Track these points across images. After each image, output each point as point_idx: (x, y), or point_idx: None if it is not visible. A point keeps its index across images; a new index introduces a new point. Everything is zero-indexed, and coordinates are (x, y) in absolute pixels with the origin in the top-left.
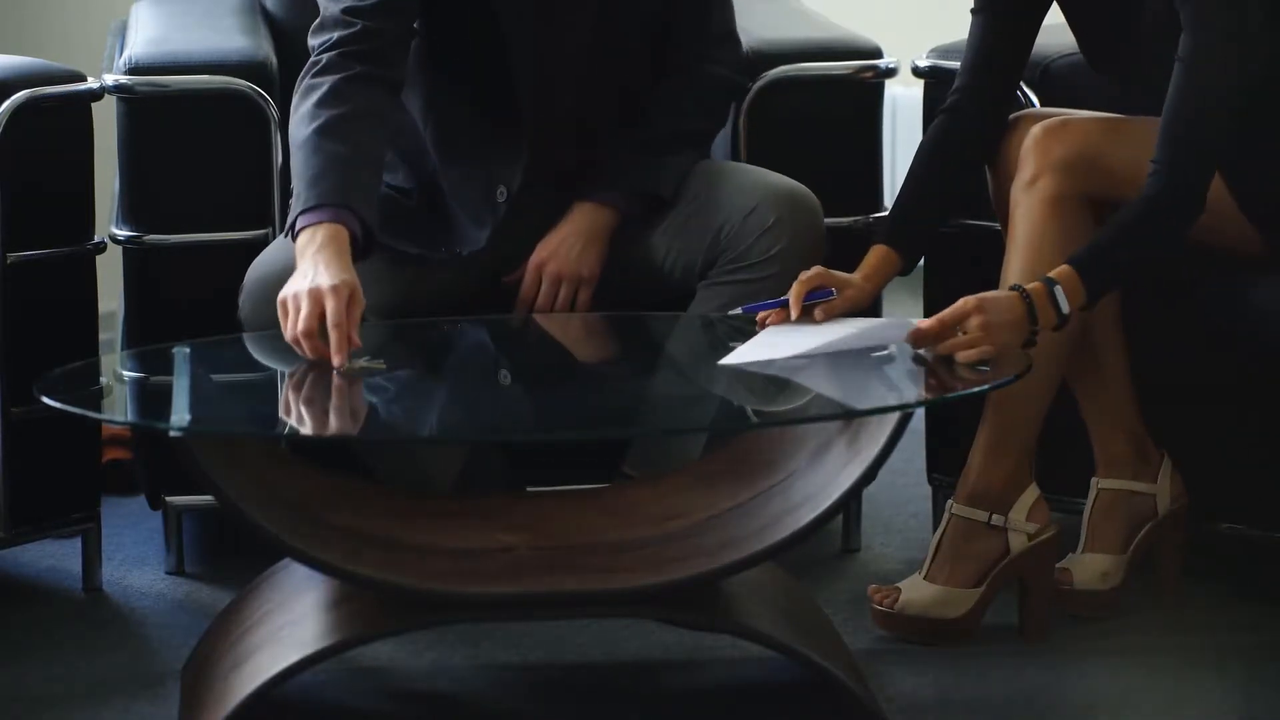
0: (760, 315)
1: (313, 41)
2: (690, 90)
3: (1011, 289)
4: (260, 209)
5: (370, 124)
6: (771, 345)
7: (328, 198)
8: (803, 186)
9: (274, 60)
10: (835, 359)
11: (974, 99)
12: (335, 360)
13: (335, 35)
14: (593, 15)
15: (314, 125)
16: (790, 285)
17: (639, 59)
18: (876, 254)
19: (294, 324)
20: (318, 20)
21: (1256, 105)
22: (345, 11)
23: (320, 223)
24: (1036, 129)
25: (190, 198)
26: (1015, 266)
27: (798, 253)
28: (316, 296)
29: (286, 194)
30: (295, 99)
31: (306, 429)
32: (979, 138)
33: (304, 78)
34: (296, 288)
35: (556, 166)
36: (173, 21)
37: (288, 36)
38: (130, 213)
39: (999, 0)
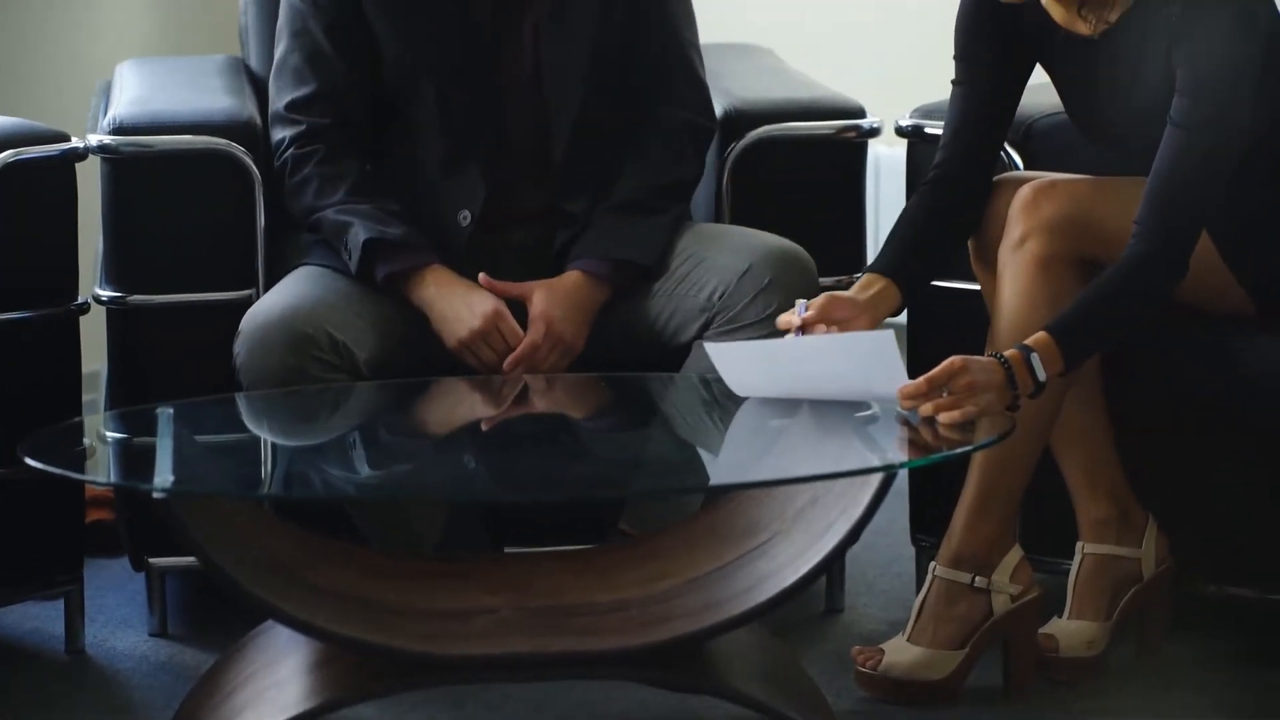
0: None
1: (272, 136)
2: (659, 141)
3: (990, 356)
4: (244, 269)
5: (374, 187)
6: (758, 362)
7: (397, 239)
8: (796, 245)
9: (258, 120)
10: (819, 416)
11: (956, 171)
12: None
13: (288, 134)
14: (531, 52)
15: (329, 209)
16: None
17: (594, 91)
18: (873, 281)
19: (499, 356)
20: (270, 111)
21: (1248, 166)
22: (288, 107)
23: (416, 267)
24: (1025, 189)
25: (174, 258)
26: (1003, 327)
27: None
28: (492, 327)
29: (270, 254)
30: (288, 199)
31: (289, 490)
32: (963, 209)
33: (282, 179)
34: (470, 328)
35: (517, 202)
36: (157, 82)
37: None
38: (114, 273)
39: (980, 72)
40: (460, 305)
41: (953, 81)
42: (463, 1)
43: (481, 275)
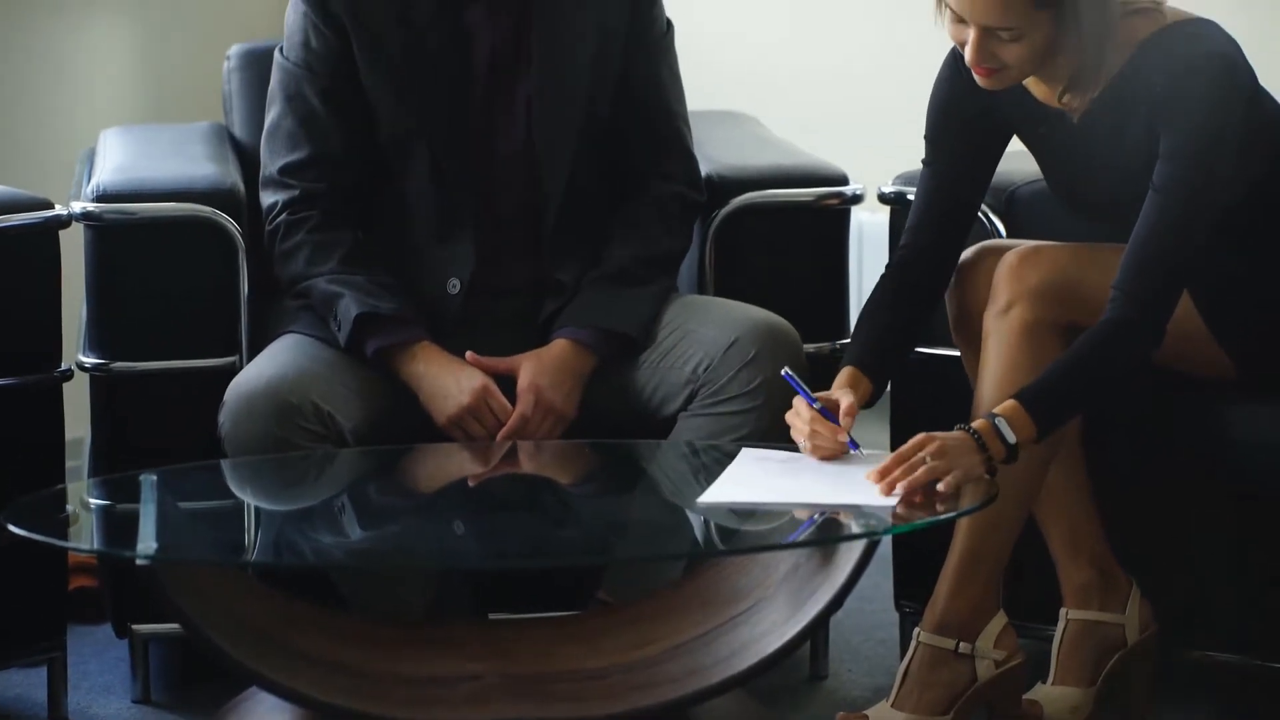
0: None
1: (262, 200)
2: (649, 213)
3: (958, 428)
4: (227, 336)
5: (366, 257)
6: (750, 480)
7: (390, 314)
8: (781, 319)
9: (241, 187)
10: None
11: (922, 254)
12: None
13: (280, 199)
14: (523, 123)
15: (320, 277)
16: (770, 418)
17: (585, 162)
18: (851, 376)
19: (489, 432)
20: (261, 175)
21: (1229, 230)
22: (281, 171)
23: (406, 342)
24: (1010, 256)
25: (157, 325)
26: (988, 395)
27: (778, 384)
28: (481, 403)
29: (254, 321)
30: (278, 264)
31: (272, 557)
32: (930, 291)
33: (272, 244)
34: (459, 404)
35: (507, 271)
36: (140, 149)
37: (256, 164)
38: (98, 340)
39: (950, 154)
40: (449, 381)
41: (922, 161)
42: (457, 70)
43: (469, 353)
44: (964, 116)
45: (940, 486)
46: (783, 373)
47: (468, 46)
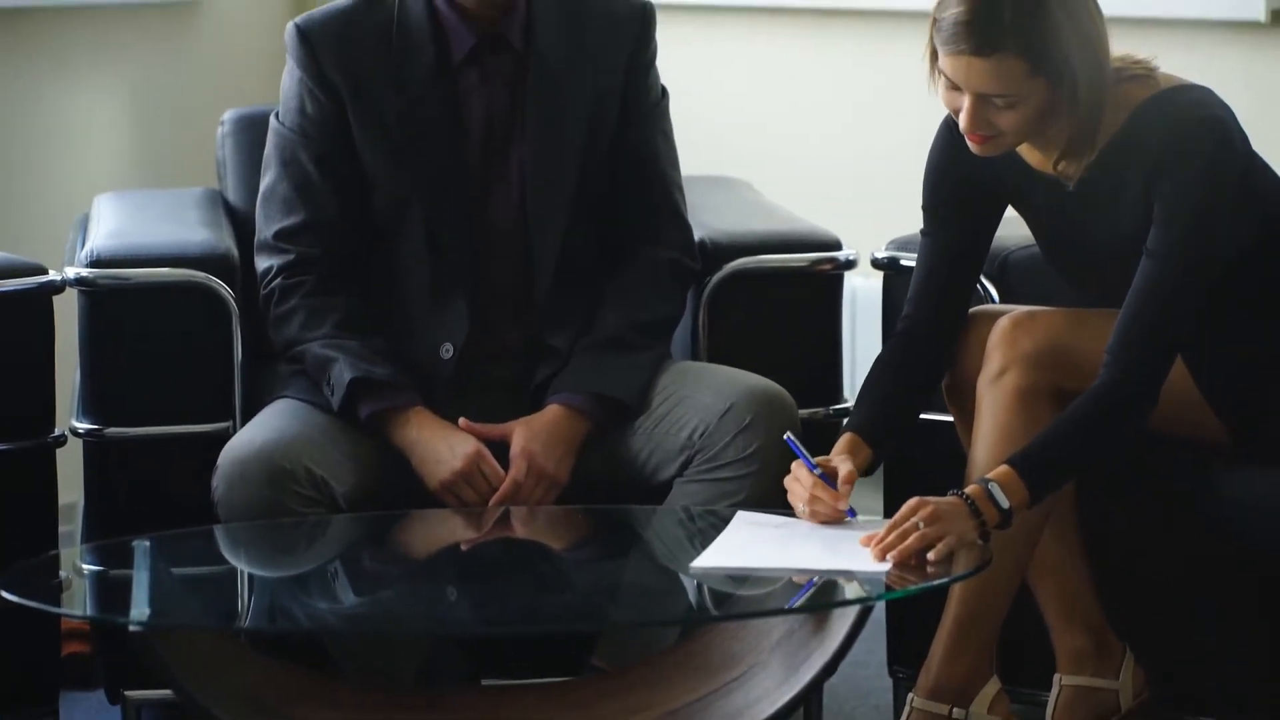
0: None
1: (257, 265)
2: (643, 279)
3: (951, 493)
4: (221, 401)
5: (360, 322)
6: (744, 545)
7: (383, 379)
8: (776, 385)
9: (235, 252)
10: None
11: (925, 323)
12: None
13: (275, 263)
14: (518, 189)
15: (315, 342)
16: (766, 484)
17: (579, 228)
18: (851, 443)
19: (481, 498)
20: (256, 240)
21: (1224, 296)
22: (276, 236)
23: (399, 407)
24: (1003, 322)
25: (151, 390)
26: (981, 460)
27: (773, 451)
28: (473, 468)
29: (247, 386)
30: (272, 328)
31: (265, 622)
32: (934, 360)
33: (267, 309)
34: (452, 469)
35: (500, 336)
36: (134, 214)
37: (249, 229)
38: (91, 405)
39: (948, 223)
40: (442, 447)
41: (921, 232)
42: (452, 136)
43: (462, 419)
44: (960, 184)
45: (931, 555)
46: (785, 437)
47: (462, 112)
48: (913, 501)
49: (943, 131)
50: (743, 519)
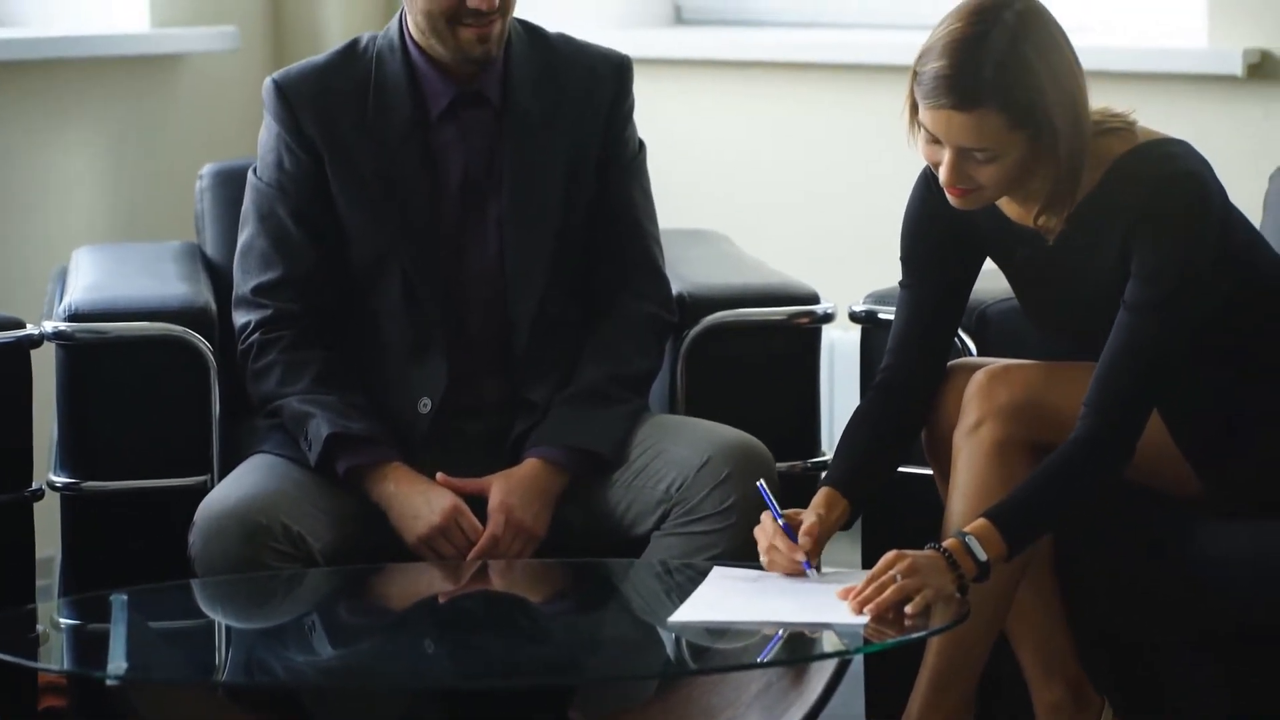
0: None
1: (235, 320)
2: (621, 332)
3: (929, 547)
4: (199, 455)
5: (338, 377)
6: (722, 599)
7: (361, 434)
8: (754, 439)
9: (213, 306)
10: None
11: (904, 376)
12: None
13: (254, 318)
14: (495, 243)
15: (292, 397)
16: (743, 537)
17: (556, 283)
18: (829, 497)
19: (460, 552)
20: (234, 295)
21: (1201, 350)
22: (254, 291)
23: (377, 462)
24: (980, 374)
25: (129, 444)
26: (958, 513)
27: (751, 505)
28: (451, 523)
29: (225, 440)
30: (250, 384)
31: (243, 676)
32: (912, 413)
33: (245, 364)
34: (430, 524)
35: (478, 390)
36: (112, 268)
37: (228, 283)
38: (68, 459)
39: (927, 275)
40: (420, 502)
41: (899, 284)
42: (429, 191)
43: (439, 474)
44: (938, 237)
45: (909, 608)
46: (757, 483)
47: (439, 167)
48: (890, 555)
49: (921, 184)
50: (719, 573)
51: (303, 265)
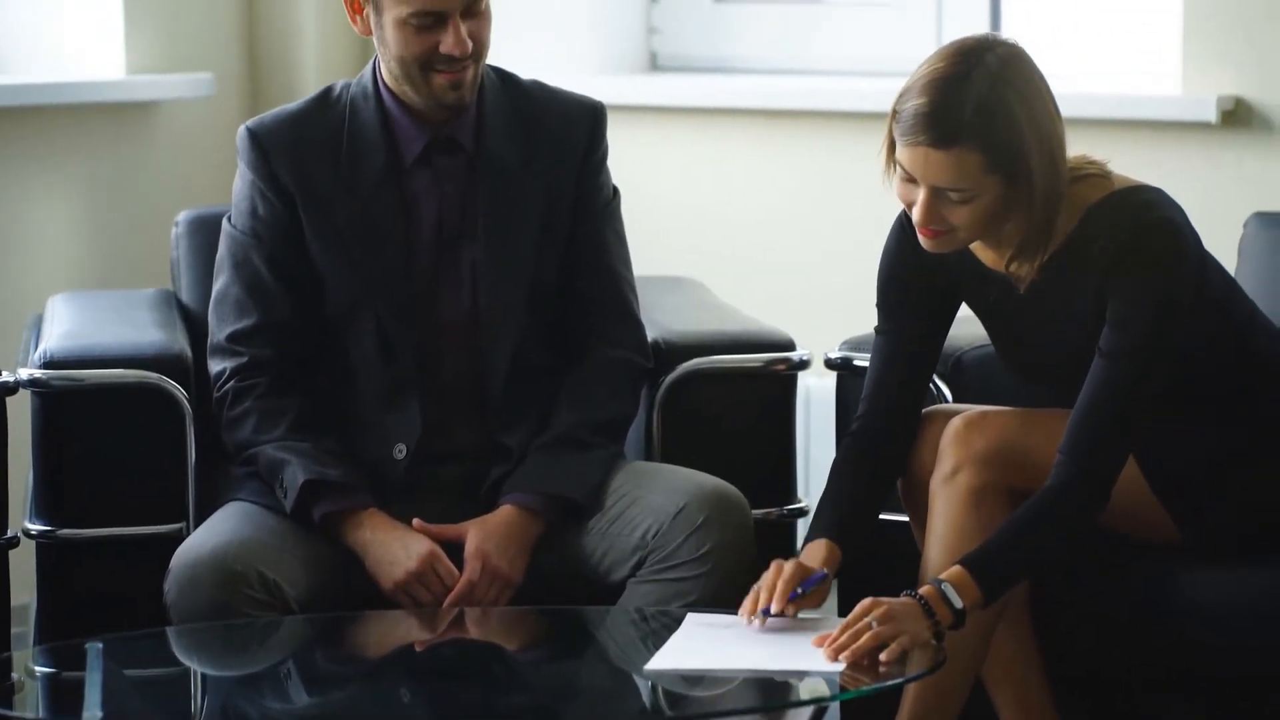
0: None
1: (210, 367)
2: (596, 378)
3: (905, 594)
4: (174, 503)
5: (313, 424)
6: (698, 646)
7: (336, 481)
8: (729, 485)
9: (189, 354)
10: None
11: (879, 421)
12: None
13: (229, 366)
14: (469, 289)
15: (268, 444)
16: (719, 584)
17: (531, 329)
18: (823, 547)
19: (435, 598)
20: (209, 342)
21: (1177, 398)
22: (229, 339)
23: (353, 509)
24: (956, 421)
25: (104, 492)
26: (935, 560)
27: (726, 551)
28: (427, 568)
29: (201, 487)
30: (225, 431)
31: None
32: (889, 458)
33: (220, 411)
34: (406, 569)
35: (452, 435)
36: (88, 315)
37: (203, 330)
38: (44, 507)
39: (902, 321)
40: (396, 548)
41: (875, 330)
42: (404, 237)
43: (415, 520)
44: (913, 282)
45: (884, 655)
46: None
47: (414, 214)
48: (866, 602)
49: (896, 229)
50: (694, 620)
51: (277, 312)
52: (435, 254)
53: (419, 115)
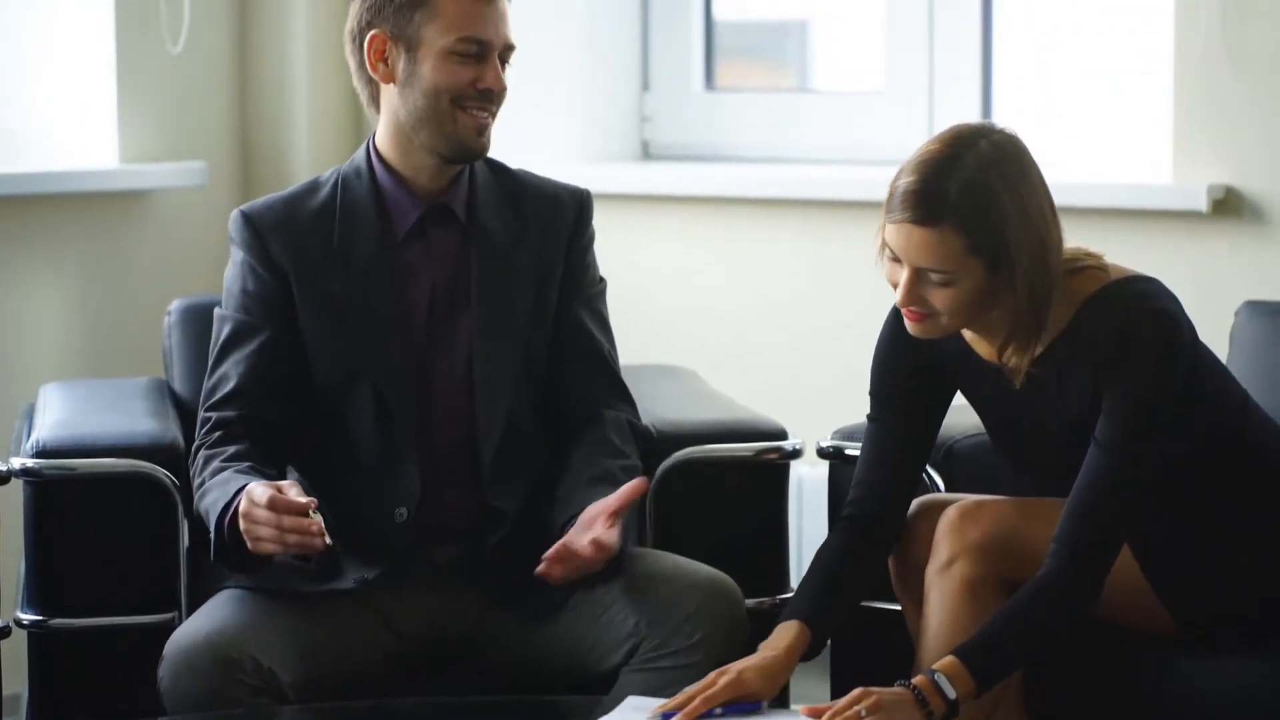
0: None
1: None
2: (613, 430)
3: (898, 684)
4: (167, 592)
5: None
6: None
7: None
8: (723, 574)
9: (181, 443)
10: None
11: (872, 509)
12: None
13: (200, 436)
14: (464, 357)
15: (200, 490)
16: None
17: (521, 395)
18: (792, 630)
19: (271, 539)
20: (197, 417)
21: (1171, 486)
22: (205, 409)
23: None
24: (950, 511)
25: (96, 581)
26: (931, 651)
27: (718, 640)
28: (248, 509)
29: (193, 576)
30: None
31: None
32: (879, 546)
33: (191, 472)
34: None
35: (445, 501)
36: (80, 404)
37: (195, 419)
38: (36, 596)
39: (896, 409)
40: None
41: (868, 417)
42: (399, 308)
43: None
44: (907, 372)
45: None
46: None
47: (408, 284)
48: (857, 691)
49: (891, 319)
50: (632, 703)
51: (252, 378)
52: (429, 322)
53: (413, 186)
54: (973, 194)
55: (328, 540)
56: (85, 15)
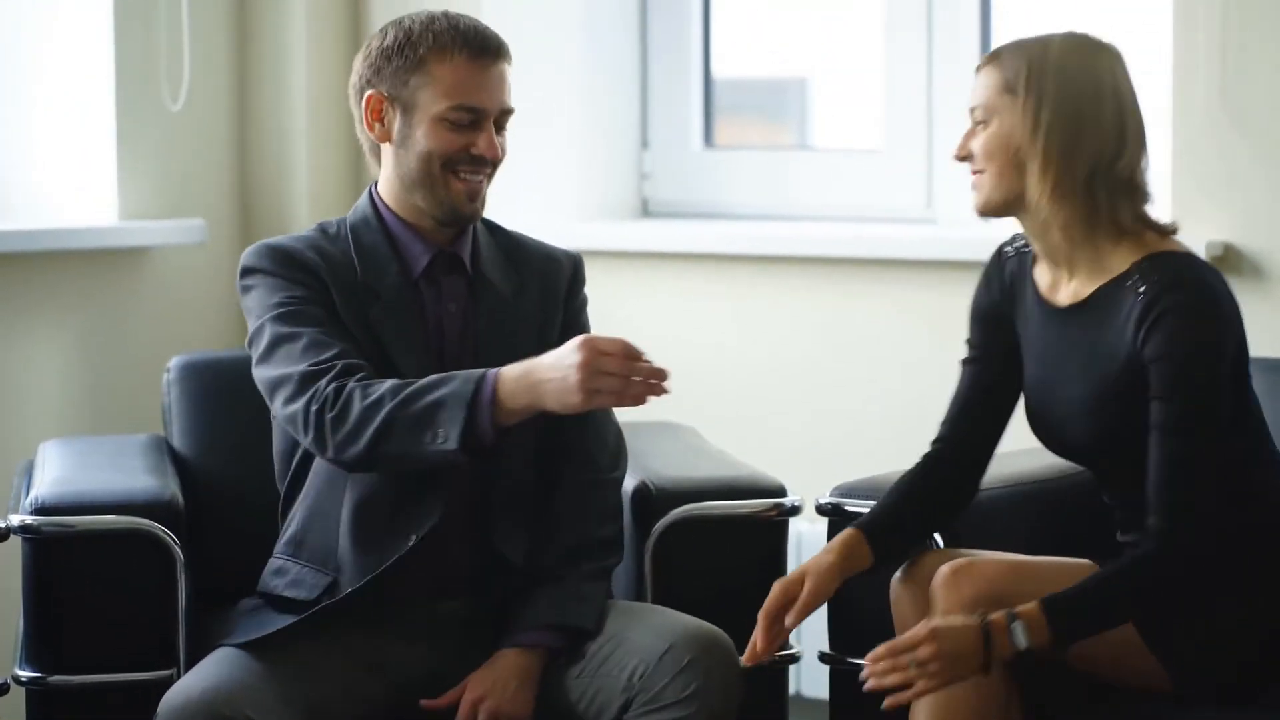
0: None
1: (291, 407)
2: (590, 498)
3: (974, 616)
4: (165, 649)
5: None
6: None
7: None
8: (716, 628)
9: (180, 500)
10: None
11: (954, 450)
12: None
13: (320, 383)
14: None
15: (392, 404)
16: None
17: (520, 444)
18: (851, 538)
19: (615, 389)
20: (279, 410)
21: None
22: (311, 366)
23: (492, 385)
24: (944, 569)
25: (95, 638)
26: (925, 710)
27: (712, 692)
28: (593, 357)
29: (191, 633)
30: (333, 440)
31: None
32: (955, 488)
33: (320, 428)
34: (579, 374)
35: (451, 547)
36: (79, 461)
37: (195, 476)
38: (34, 654)
39: (988, 351)
40: (550, 369)
41: (961, 361)
42: (425, 344)
43: (422, 701)
44: (988, 313)
45: (907, 694)
46: None
47: (429, 323)
48: (925, 630)
49: (989, 261)
50: None
51: (350, 350)
52: (439, 365)
53: (422, 231)
54: (1032, 53)
55: (666, 387)
56: (85, 72)
